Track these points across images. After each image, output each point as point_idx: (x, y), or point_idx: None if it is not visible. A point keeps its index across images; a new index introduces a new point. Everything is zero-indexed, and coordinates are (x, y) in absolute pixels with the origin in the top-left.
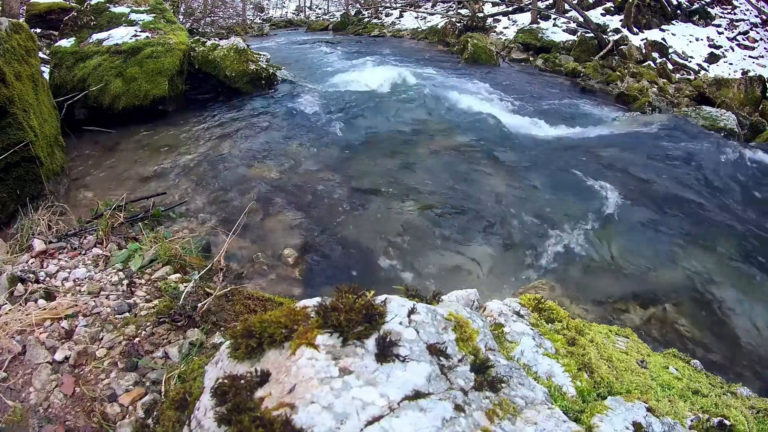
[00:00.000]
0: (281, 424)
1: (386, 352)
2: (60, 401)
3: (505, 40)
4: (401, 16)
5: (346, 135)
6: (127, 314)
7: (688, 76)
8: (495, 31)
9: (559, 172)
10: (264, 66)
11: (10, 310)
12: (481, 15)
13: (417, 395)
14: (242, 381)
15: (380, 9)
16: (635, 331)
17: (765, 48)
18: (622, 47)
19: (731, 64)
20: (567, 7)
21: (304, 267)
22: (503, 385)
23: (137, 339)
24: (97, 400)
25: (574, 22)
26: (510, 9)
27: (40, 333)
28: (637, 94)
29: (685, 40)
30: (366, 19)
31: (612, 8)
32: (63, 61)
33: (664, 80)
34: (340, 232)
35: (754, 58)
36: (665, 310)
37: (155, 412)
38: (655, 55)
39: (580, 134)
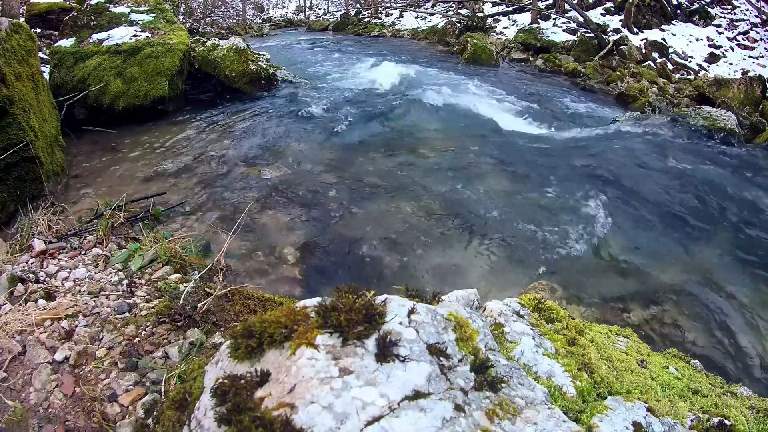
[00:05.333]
0: (281, 424)
1: (386, 352)
2: (60, 401)
3: (505, 40)
4: (401, 16)
5: (346, 135)
6: (127, 314)
7: (688, 76)
8: (495, 31)
9: (559, 173)
10: (264, 66)
11: (10, 310)
12: (481, 15)
13: (417, 395)
14: (242, 381)
15: (380, 9)
16: (635, 331)
17: (765, 48)
18: (622, 47)
19: (731, 64)
20: (567, 7)
21: (304, 267)
22: (503, 385)
23: (137, 339)
24: (97, 400)
25: (574, 22)
26: (510, 9)
27: (40, 333)
28: (637, 94)
29: (685, 40)
30: (366, 19)
31: (612, 8)
32: (63, 61)
33: (664, 80)
34: (340, 232)
35: (754, 58)
36: (665, 310)
37: (155, 412)
38: (655, 55)
39: (579, 134)
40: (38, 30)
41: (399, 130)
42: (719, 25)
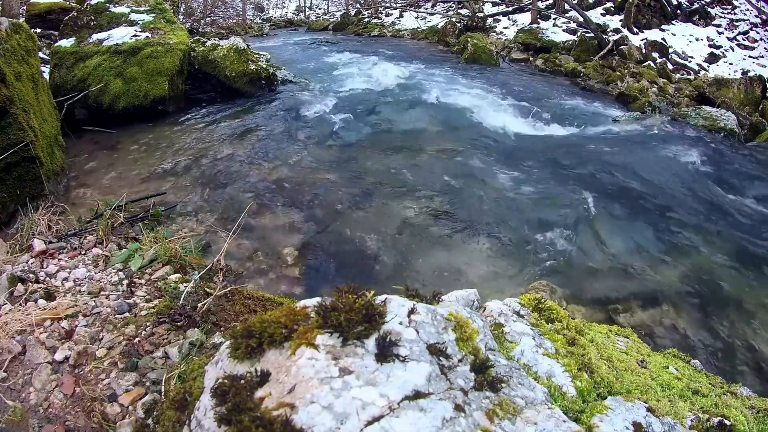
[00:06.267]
0: (281, 424)
1: (386, 352)
2: (60, 401)
3: (505, 40)
4: (401, 16)
5: (346, 135)
6: (127, 314)
7: (688, 76)
8: (495, 31)
9: (559, 173)
10: (264, 66)
11: (10, 310)
12: (481, 15)
13: (417, 395)
14: (242, 381)
15: (380, 9)
16: (635, 331)
17: (765, 48)
18: (622, 47)
19: (731, 64)
20: (567, 7)
21: (304, 267)
22: (503, 385)
23: (137, 339)
24: (97, 400)
25: (574, 22)
26: (510, 9)
27: (40, 333)
28: (637, 94)
29: (685, 40)
30: (366, 19)
31: (612, 8)
32: (63, 61)
33: (664, 80)
34: (340, 232)
35: (754, 58)
36: (665, 310)
37: (155, 412)
38: (655, 55)
39: (579, 134)
40: (38, 30)
41: (399, 130)
42: (719, 25)
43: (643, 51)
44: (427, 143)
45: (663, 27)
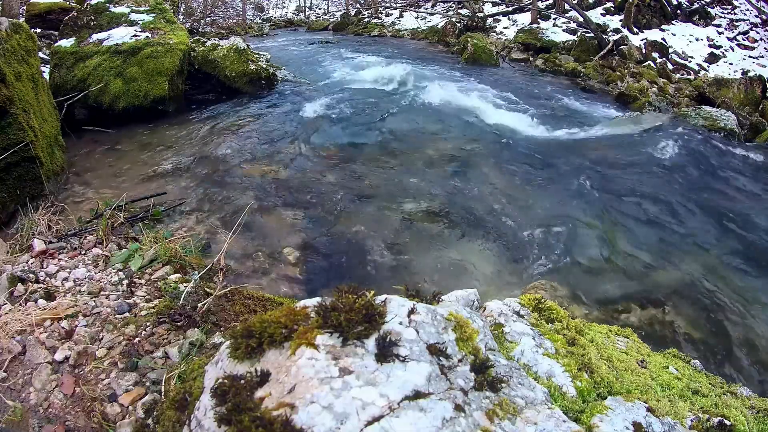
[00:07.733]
0: (281, 424)
1: (386, 352)
2: (60, 401)
3: (505, 40)
4: (401, 16)
5: (346, 135)
6: (127, 314)
7: (688, 76)
8: (495, 31)
9: (559, 173)
10: (264, 66)
11: (10, 310)
12: (481, 15)
13: (417, 395)
14: (242, 381)
15: (380, 9)
16: (635, 331)
17: (765, 48)
18: (622, 47)
19: (731, 64)
20: (567, 7)
21: (304, 267)
22: (503, 385)
23: (137, 339)
24: (97, 400)
25: (574, 22)
26: (510, 9)
27: (40, 333)
28: (637, 94)
29: (685, 40)
30: (366, 19)
31: (612, 8)
32: (63, 61)
33: (664, 80)
34: (340, 232)
35: (754, 58)
36: (665, 310)
37: (155, 412)
38: (655, 55)
39: (579, 135)
40: (38, 30)
41: (398, 131)
42: (719, 25)
43: (643, 51)
44: (427, 144)
45: (663, 27)
